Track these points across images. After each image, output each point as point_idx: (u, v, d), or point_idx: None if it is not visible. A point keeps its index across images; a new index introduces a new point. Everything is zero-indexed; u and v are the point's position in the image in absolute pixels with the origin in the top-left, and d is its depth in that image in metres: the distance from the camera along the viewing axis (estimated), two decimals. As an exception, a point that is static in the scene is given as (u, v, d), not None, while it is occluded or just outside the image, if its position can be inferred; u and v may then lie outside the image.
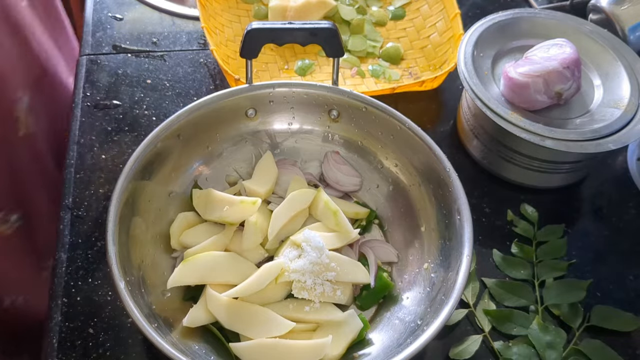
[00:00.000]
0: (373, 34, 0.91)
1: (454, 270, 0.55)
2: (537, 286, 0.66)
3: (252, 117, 0.69)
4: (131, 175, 0.58)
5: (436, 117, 0.84)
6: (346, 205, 0.68)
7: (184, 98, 0.83)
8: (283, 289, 0.60)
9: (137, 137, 0.78)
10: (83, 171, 0.74)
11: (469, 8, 0.97)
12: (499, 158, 0.74)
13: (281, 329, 0.56)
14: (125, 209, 0.57)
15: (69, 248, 0.67)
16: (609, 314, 0.64)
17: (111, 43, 0.89)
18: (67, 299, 0.63)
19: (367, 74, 0.87)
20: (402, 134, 0.65)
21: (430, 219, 0.63)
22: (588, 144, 0.66)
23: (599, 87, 0.74)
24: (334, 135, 0.70)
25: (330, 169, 0.69)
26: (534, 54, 0.72)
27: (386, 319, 0.60)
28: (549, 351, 0.61)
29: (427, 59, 0.89)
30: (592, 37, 0.76)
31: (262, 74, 0.86)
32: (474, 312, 0.64)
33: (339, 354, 0.56)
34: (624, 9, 0.82)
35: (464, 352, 0.61)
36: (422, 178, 0.64)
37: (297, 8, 0.89)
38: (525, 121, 0.68)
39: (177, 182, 0.65)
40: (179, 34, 0.91)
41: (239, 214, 0.62)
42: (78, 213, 0.70)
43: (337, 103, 0.68)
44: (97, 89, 0.83)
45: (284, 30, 0.64)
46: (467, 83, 0.71)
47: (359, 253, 0.65)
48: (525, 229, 0.71)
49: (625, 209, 0.75)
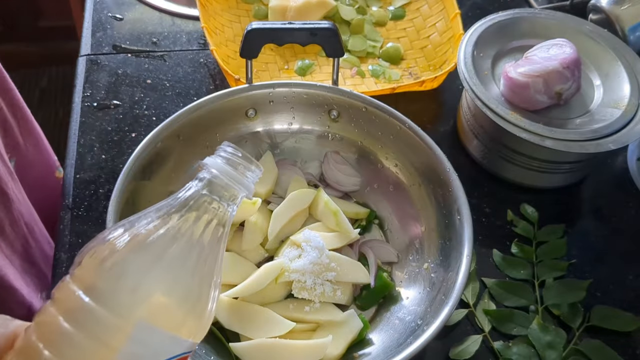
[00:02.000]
0: (373, 34, 0.91)
1: (454, 270, 0.55)
2: (537, 286, 0.66)
3: (252, 117, 0.69)
4: (131, 175, 0.58)
5: (436, 117, 0.84)
6: (346, 205, 0.68)
7: (184, 98, 0.83)
8: (283, 289, 0.60)
9: (137, 137, 0.78)
10: (83, 171, 0.74)
11: (469, 8, 0.97)
12: (499, 158, 0.74)
13: (281, 329, 0.56)
14: (125, 209, 0.57)
15: (69, 248, 0.67)
16: (609, 314, 0.64)
17: (111, 43, 0.89)
18: (67, 299, 0.63)
19: (367, 74, 0.87)
20: (402, 134, 0.65)
21: (430, 219, 0.63)
22: (588, 144, 0.66)
23: (599, 87, 0.74)
24: (334, 135, 0.70)
25: (330, 169, 0.69)
26: (534, 54, 0.72)
27: (386, 319, 0.60)
28: (549, 351, 0.61)
29: (427, 59, 0.89)
30: (592, 37, 0.76)
31: (262, 74, 0.86)
32: (474, 312, 0.64)
33: (339, 354, 0.56)
34: (624, 9, 0.82)
35: (464, 352, 0.61)
36: (422, 178, 0.64)
37: (297, 8, 0.89)
38: (525, 121, 0.68)
39: (177, 182, 0.65)
40: (179, 34, 0.91)
41: (239, 214, 0.62)
42: (78, 213, 0.70)
43: (337, 103, 0.68)
44: (97, 89, 0.83)
45: (284, 30, 0.64)
46: (467, 83, 0.71)
47: (359, 253, 0.65)
48: (525, 229, 0.71)
49: (625, 209, 0.75)
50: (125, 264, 0.35)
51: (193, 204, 0.39)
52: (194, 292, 0.37)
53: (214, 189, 0.40)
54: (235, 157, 0.41)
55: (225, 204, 0.40)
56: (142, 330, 0.34)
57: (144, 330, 0.34)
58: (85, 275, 0.36)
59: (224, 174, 0.40)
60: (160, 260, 0.36)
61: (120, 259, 0.36)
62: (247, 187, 0.41)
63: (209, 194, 0.39)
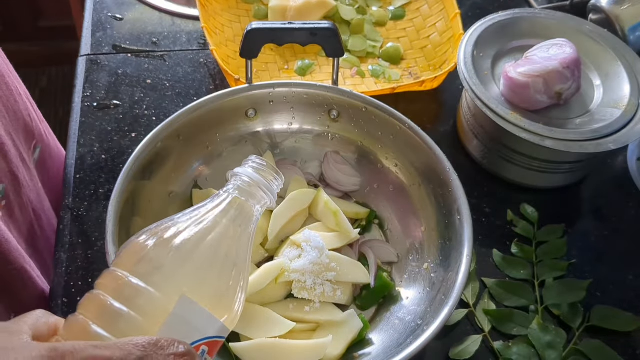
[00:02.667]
0: (373, 34, 0.91)
1: (454, 270, 0.55)
2: (537, 286, 0.66)
3: (252, 117, 0.69)
4: (131, 175, 0.58)
5: (436, 117, 0.84)
6: (346, 205, 0.68)
7: (184, 98, 0.83)
8: (283, 289, 0.60)
9: (137, 137, 0.78)
10: (83, 171, 0.74)
11: (469, 8, 0.97)
12: (499, 158, 0.74)
13: (281, 329, 0.56)
14: (125, 209, 0.57)
15: (69, 248, 0.67)
16: (609, 314, 0.64)
17: (111, 43, 0.89)
18: (67, 299, 0.63)
19: (367, 74, 0.87)
20: (402, 134, 0.65)
21: (430, 219, 0.63)
22: (588, 144, 0.66)
23: (599, 87, 0.74)
24: (334, 135, 0.70)
25: (330, 169, 0.69)
26: (534, 54, 0.72)
27: (386, 319, 0.60)
28: (549, 351, 0.61)
29: (427, 59, 0.89)
30: (592, 37, 0.76)
31: (262, 74, 0.86)
32: (474, 312, 0.64)
33: (339, 354, 0.56)
34: (624, 9, 0.82)
35: (464, 352, 0.61)
36: (422, 178, 0.64)
37: (297, 8, 0.89)
38: (525, 121, 0.68)
39: (177, 182, 0.65)
40: (179, 34, 0.91)
41: (239, 214, 0.62)
42: (78, 213, 0.70)
43: (337, 103, 0.68)
44: (97, 89, 0.83)
45: (284, 30, 0.64)
46: (467, 83, 0.71)
47: (359, 253, 0.65)
48: (525, 229, 0.71)
49: (625, 209, 0.75)
50: (169, 249, 0.41)
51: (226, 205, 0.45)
52: (227, 278, 0.43)
53: (244, 192, 0.46)
54: (262, 166, 0.48)
55: (254, 206, 0.47)
56: (183, 305, 0.39)
57: (185, 305, 0.39)
58: (130, 261, 0.41)
59: (254, 180, 0.47)
60: (199, 247, 0.42)
61: (166, 245, 0.41)
62: (272, 192, 0.48)
63: (239, 196, 0.46)
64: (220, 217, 0.44)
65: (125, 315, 0.38)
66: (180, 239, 0.42)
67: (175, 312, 0.39)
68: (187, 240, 0.42)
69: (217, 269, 0.42)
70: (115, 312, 0.38)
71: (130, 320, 0.38)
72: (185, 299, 0.39)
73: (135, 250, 0.41)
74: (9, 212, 0.65)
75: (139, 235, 0.42)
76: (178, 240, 0.42)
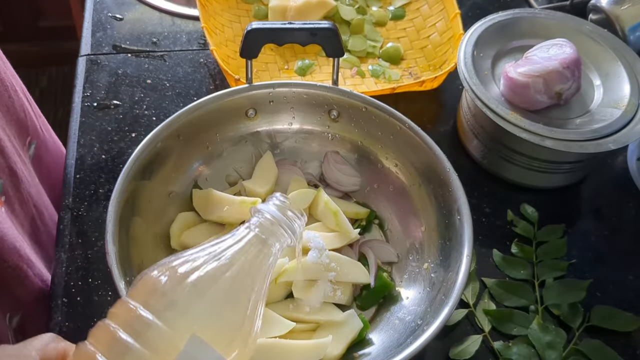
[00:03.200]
0: (373, 34, 0.91)
1: (454, 270, 0.55)
2: (537, 286, 0.66)
3: (252, 117, 0.69)
4: (131, 175, 0.58)
5: (436, 117, 0.84)
6: (346, 205, 0.68)
7: (184, 98, 0.83)
8: (283, 289, 0.60)
9: (137, 137, 0.78)
10: (83, 171, 0.74)
11: (469, 8, 0.97)
12: (499, 158, 0.74)
13: (281, 329, 0.56)
14: (125, 209, 0.57)
15: (69, 248, 0.67)
16: (609, 314, 0.64)
17: (111, 43, 0.89)
18: (67, 299, 0.63)
19: (367, 74, 0.87)
20: (402, 134, 0.65)
21: (430, 219, 0.63)
22: (588, 144, 0.66)
23: (599, 87, 0.74)
24: (334, 135, 0.70)
25: (330, 169, 0.69)
26: (534, 54, 0.72)
27: (386, 319, 0.60)
28: (549, 351, 0.61)
29: (427, 59, 0.89)
30: (592, 37, 0.76)
31: (262, 74, 0.86)
32: (474, 312, 0.64)
33: (339, 354, 0.56)
34: (624, 9, 0.82)
35: (464, 352, 0.61)
36: (422, 178, 0.64)
37: (297, 8, 0.89)
38: (525, 121, 0.68)
39: (177, 182, 0.65)
40: (179, 34, 0.91)
41: (239, 214, 0.62)
42: (78, 213, 0.70)
43: (337, 103, 0.68)
44: (97, 89, 0.83)
45: (284, 30, 0.64)
46: (467, 83, 0.71)
47: (359, 253, 0.65)
48: (525, 229, 0.71)
49: (625, 209, 0.75)
50: (185, 285, 0.41)
51: (246, 242, 0.45)
52: (242, 316, 0.43)
53: (266, 230, 0.47)
54: (285, 205, 0.48)
55: (274, 244, 0.47)
56: (193, 344, 0.38)
57: (195, 344, 0.38)
58: (144, 293, 0.40)
59: (276, 218, 0.47)
60: (215, 285, 0.42)
61: (182, 281, 0.41)
62: (294, 231, 0.48)
63: (260, 234, 0.46)
64: (239, 255, 0.44)
65: (134, 349, 0.38)
66: (196, 275, 0.41)
67: (185, 350, 0.38)
68: (203, 277, 0.41)
69: (231, 308, 0.42)
70: (124, 346, 0.38)
71: (139, 355, 0.38)
72: (195, 338, 0.39)
73: (150, 282, 0.41)
74: (9, 208, 0.65)
75: (155, 267, 0.42)
76: (194, 276, 0.41)
